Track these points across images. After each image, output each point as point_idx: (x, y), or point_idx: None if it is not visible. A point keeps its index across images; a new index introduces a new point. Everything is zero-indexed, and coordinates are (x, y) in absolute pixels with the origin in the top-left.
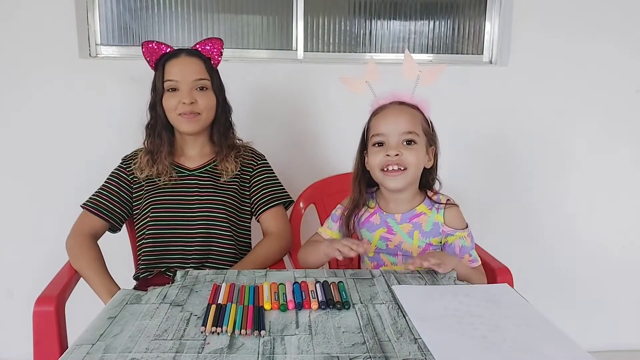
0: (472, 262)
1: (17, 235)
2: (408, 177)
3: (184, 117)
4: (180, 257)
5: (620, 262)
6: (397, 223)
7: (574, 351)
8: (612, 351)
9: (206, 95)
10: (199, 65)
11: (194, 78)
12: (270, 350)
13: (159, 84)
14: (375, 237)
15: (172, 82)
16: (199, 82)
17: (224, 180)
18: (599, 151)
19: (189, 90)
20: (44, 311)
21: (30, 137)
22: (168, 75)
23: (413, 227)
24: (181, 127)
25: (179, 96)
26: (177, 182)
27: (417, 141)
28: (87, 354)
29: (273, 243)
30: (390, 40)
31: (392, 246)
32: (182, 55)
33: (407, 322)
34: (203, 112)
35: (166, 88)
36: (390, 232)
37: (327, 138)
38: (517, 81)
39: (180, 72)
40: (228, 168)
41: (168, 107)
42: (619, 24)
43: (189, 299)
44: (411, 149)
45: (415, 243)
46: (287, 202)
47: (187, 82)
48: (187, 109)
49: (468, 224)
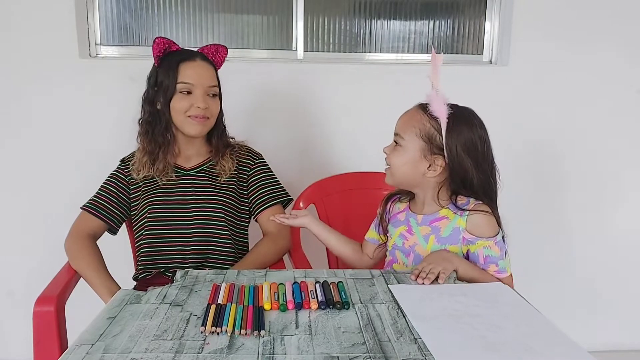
0: (498, 272)
1: (17, 235)
2: (391, 175)
3: (194, 119)
4: (179, 257)
5: (621, 261)
6: (417, 224)
7: (574, 351)
8: (612, 351)
9: (215, 102)
10: (212, 72)
11: (209, 84)
12: (270, 351)
13: (170, 83)
14: (396, 232)
15: (188, 85)
16: (212, 89)
17: (223, 180)
18: (599, 151)
19: (203, 95)
20: (44, 311)
21: (30, 137)
22: (183, 77)
23: (431, 231)
24: (188, 129)
25: (193, 100)
26: (174, 182)
27: (402, 144)
28: (87, 354)
29: (273, 243)
30: (390, 40)
31: (407, 246)
32: (198, 60)
33: (407, 322)
34: (212, 118)
35: (179, 89)
36: (409, 232)
37: (327, 138)
38: (517, 81)
39: (196, 76)
40: (225, 166)
41: (178, 108)
42: (619, 23)
43: (189, 299)
44: (394, 150)
45: (428, 247)
46: (286, 200)
47: (203, 87)
48: (200, 112)
49: (502, 230)
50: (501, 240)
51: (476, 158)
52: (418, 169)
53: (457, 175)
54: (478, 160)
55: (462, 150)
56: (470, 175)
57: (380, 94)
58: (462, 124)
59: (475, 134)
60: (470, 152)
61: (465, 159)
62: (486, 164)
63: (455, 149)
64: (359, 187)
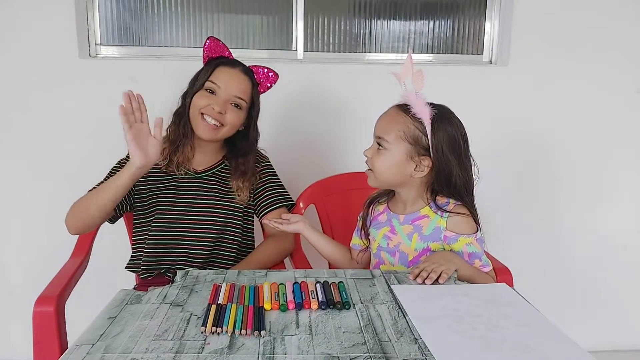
0: (482, 267)
1: (17, 235)
2: (374, 178)
3: (204, 120)
4: (184, 260)
5: (621, 262)
6: (399, 223)
7: (574, 351)
8: (612, 351)
9: (237, 113)
10: (247, 85)
11: (235, 94)
12: (270, 351)
13: (202, 79)
14: (379, 234)
15: (214, 85)
16: (237, 99)
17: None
18: (600, 151)
19: (225, 101)
20: (44, 311)
21: (30, 137)
22: (214, 77)
23: (413, 230)
24: (198, 129)
25: (213, 100)
26: (183, 184)
27: (386, 147)
28: (87, 354)
29: (276, 245)
30: (390, 40)
31: (392, 246)
32: (238, 69)
33: (408, 322)
34: (226, 126)
35: (205, 87)
36: (392, 232)
37: (327, 138)
38: (517, 81)
39: (227, 80)
40: (241, 194)
41: (196, 104)
42: (619, 23)
43: (189, 299)
44: (377, 153)
45: (412, 245)
46: (290, 205)
47: (228, 93)
48: (214, 114)
49: (480, 228)
50: (481, 238)
51: (459, 155)
52: (405, 170)
53: (442, 174)
54: (461, 157)
55: (447, 149)
56: (454, 173)
57: (380, 94)
58: (445, 124)
59: (457, 132)
60: (454, 150)
61: (450, 157)
62: (467, 160)
63: (442, 149)
64: (359, 187)
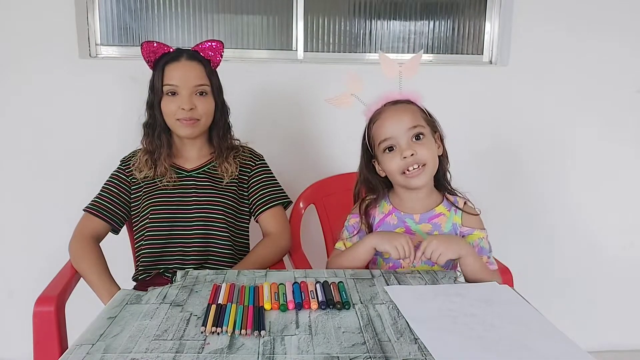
0: (489, 264)
1: (17, 235)
2: (429, 171)
3: (182, 122)
4: (179, 258)
5: (620, 262)
6: (415, 223)
7: (573, 351)
8: (612, 351)
9: (206, 101)
10: (199, 70)
11: (195, 84)
12: (270, 351)
13: (158, 85)
14: None
15: (172, 86)
16: (199, 88)
17: (225, 183)
18: (600, 151)
19: (189, 96)
20: (44, 311)
21: (30, 137)
22: (168, 79)
23: (432, 228)
24: (179, 132)
25: (179, 101)
26: (175, 183)
27: (425, 133)
28: (87, 354)
29: (273, 243)
30: (390, 40)
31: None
32: (183, 59)
33: (407, 322)
34: (202, 118)
35: (165, 92)
36: (408, 232)
37: (327, 138)
38: (517, 81)
39: (180, 77)
40: (228, 170)
41: (167, 111)
42: (619, 23)
43: (189, 299)
44: (422, 144)
45: None
46: (286, 202)
47: (188, 87)
48: (186, 115)
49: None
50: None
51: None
52: (437, 153)
53: (445, 156)
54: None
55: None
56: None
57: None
58: None
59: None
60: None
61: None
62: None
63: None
64: None
